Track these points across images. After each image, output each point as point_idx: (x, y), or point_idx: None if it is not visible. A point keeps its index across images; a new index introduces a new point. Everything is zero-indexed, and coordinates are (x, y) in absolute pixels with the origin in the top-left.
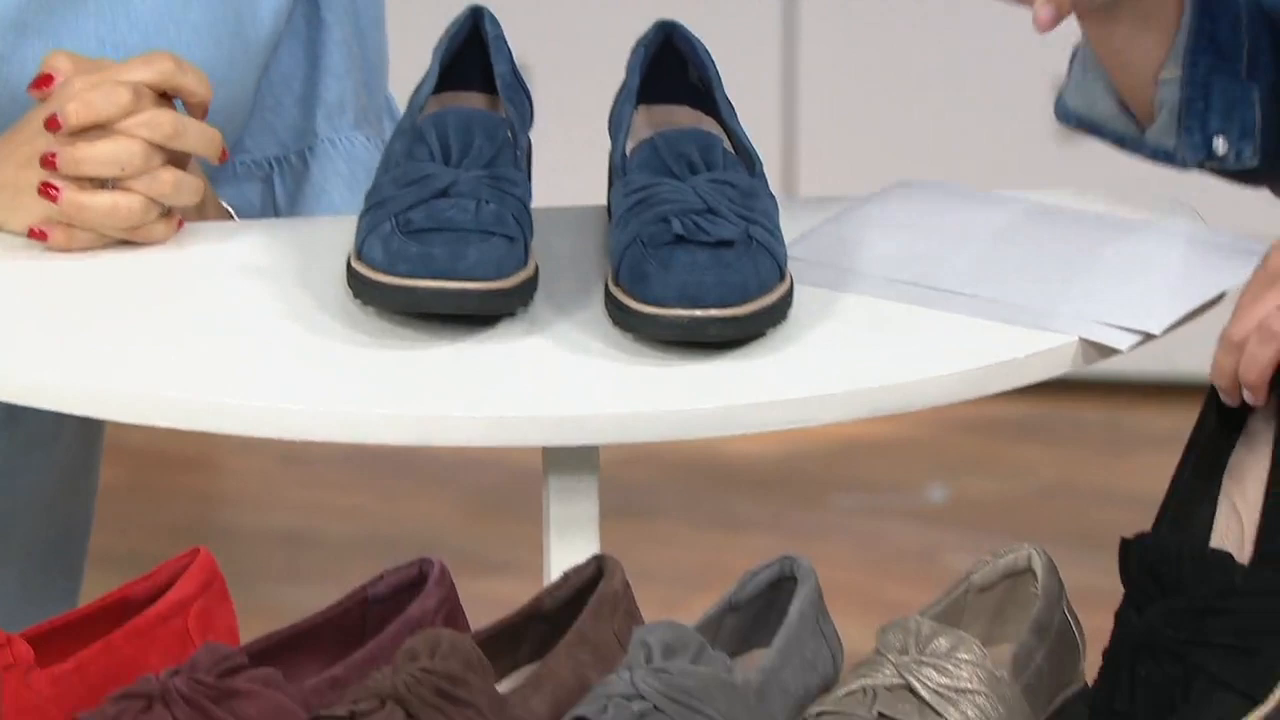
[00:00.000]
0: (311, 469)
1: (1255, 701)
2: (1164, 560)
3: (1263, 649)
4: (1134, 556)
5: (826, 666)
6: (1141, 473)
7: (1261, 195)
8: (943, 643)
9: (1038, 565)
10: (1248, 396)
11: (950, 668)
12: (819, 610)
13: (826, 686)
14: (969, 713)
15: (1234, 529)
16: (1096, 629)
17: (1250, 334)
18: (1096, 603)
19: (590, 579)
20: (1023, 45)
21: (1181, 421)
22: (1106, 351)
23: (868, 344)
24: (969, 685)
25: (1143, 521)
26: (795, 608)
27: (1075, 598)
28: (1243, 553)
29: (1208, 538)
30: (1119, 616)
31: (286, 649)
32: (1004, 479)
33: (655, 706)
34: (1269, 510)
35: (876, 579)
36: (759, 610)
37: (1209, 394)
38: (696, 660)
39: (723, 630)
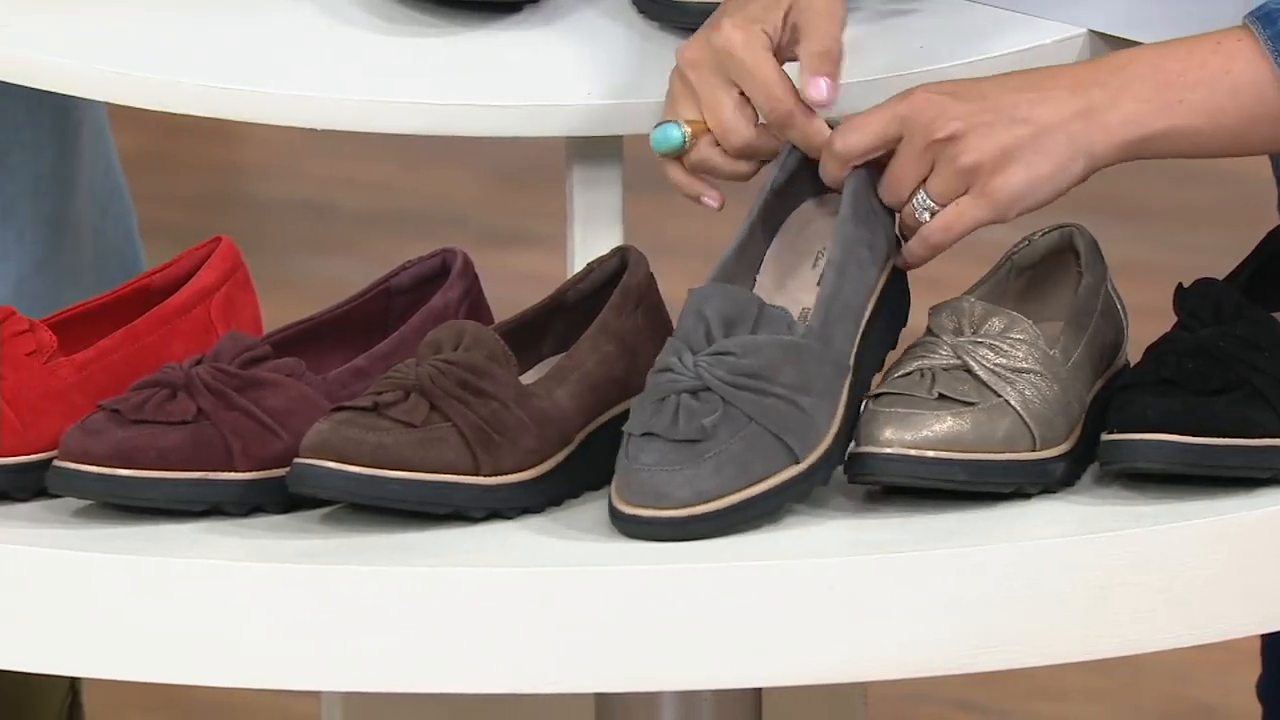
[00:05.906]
0: (332, 139)
1: None
2: (1225, 299)
3: None
4: (1195, 292)
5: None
6: None
7: None
8: (996, 323)
9: (1080, 243)
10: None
11: (1006, 348)
12: None
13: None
14: (1026, 392)
15: None
16: (1135, 303)
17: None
18: (1131, 274)
19: (614, 271)
20: None
21: None
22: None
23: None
24: (1024, 364)
25: (1165, 186)
26: None
27: (1114, 270)
28: None
29: None
30: (1168, 336)
31: (309, 339)
32: None
33: (725, 400)
34: None
35: None
36: None
37: None
38: (757, 327)
39: None
